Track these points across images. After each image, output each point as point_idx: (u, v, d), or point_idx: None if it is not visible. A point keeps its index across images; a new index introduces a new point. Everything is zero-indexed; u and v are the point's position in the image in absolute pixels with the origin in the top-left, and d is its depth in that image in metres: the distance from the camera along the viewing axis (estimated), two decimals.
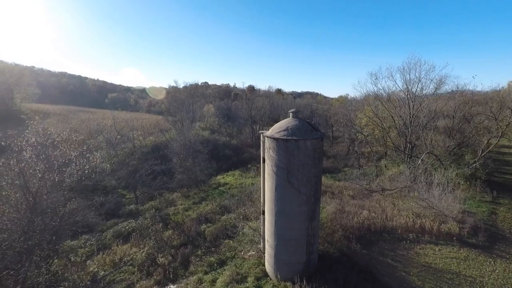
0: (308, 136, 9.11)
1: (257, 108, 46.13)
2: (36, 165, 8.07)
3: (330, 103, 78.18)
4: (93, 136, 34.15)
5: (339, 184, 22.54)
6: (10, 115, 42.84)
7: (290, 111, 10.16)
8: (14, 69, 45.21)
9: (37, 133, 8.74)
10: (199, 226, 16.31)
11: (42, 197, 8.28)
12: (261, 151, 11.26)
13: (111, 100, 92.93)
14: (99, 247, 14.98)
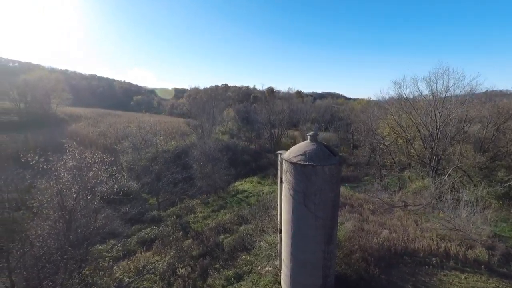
0: (326, 162, 9.11)
1: (276, 112, 46.13)
2: (72, 186, 8.86)
3: (351, 106, 76.15)
4: (119, 141, 36.06)
5: (359, 197, 22.02)
6: (48, 118, 46.42)
7: (308, 134, 10.20)
8: (51, 76, 48.93)
9: (74, 157, 9.54)
10: (218, 236, 16.76)
11: (76, 214, 9.08)
12: (279, 171, 11.39)
13: (136, 102, 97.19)
14: (125, 252, 15.91)
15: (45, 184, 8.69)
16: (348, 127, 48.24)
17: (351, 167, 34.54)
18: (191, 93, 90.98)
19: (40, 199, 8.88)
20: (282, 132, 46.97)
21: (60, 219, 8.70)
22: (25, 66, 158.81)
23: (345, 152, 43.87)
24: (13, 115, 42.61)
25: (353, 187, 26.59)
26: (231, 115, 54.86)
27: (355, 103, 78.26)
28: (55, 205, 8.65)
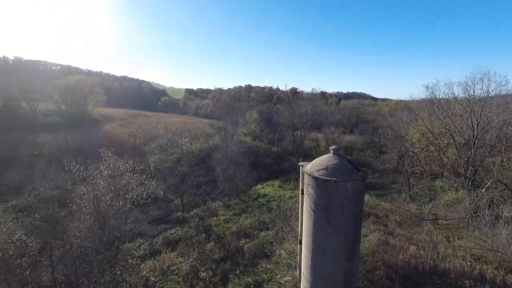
0: (349, 178, 8.92)
1: (299, 115, 45.66)
2: (107, 193, 9.61)
3: (378, 108, 72.96)
4: (148, 142, 37.92)
5: (385, 206, 21.15)
6: (84, 119, 50.17)
7: (331, 148, 10.04)
8: (88, 80, 52.86)
9: (109, 166, 10.32)
10: (238, 241, 17.05)
11: (109, 218, 9.83)
12: (300, 182, 11.33)
13: (163, 103, 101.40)
14: (151, 252, 16.79)
15: (84, 190, 9.56)
16: (375, 130, 46.39)
17: (377, 174, 33.24)
18: (215, 94, 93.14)
19: (78, 203, 9.76)
20: (305, 135, 46.37)
21: (95, 223, 9.49)
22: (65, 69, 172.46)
23: (370, 157, 42.29)
24: (55, 116, 46.64)
25: (378, 195, 25.58)
26: (253, 116, 55.29)
27: (383, 104, 74.95)
28: (91, 210, 9.46)
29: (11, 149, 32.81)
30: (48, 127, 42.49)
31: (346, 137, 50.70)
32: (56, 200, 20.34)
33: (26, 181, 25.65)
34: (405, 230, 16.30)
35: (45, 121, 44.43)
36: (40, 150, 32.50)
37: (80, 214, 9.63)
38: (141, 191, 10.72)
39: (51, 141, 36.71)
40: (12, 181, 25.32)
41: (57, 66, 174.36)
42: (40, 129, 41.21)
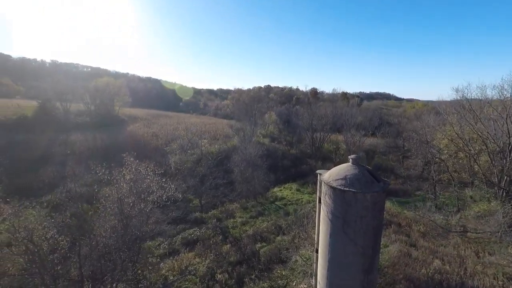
0: (368, 189, 8.66)
1: (318, 117, 44.86)
2: (129, 196, 10.13)
3: (403, 110, 69.65)
4: (169, 143, 39.20)
5: (408, 215, 20.26)
6: (111, 119, 52.85)
7: (350, 157, 9.80)
8: (115, 82, 55.70)
9: (131, 170, 10.86)
10: (254, 244, 17.15)
11: (132, 219, 10.35)
12: (318, 191, 11.17)
13: (185, 103, 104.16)
14: (170, 251, 17.36)
15: (108, 192, 10.16)
16: (399, 134, 44.48)
17: (400, 180, 31.88)
18: (235, 95, 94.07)
19: (104, 204, 10.37)
20: (325, 137, 45.48)
21: (119, 223, 10.04)
22: (95, 71, 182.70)
23: (393, 162, 40.62)
24: (85, 117, 49.59)
25: (401, 203, 24.53)
26: (272, 118, 55.19)
27: (408, 106, 71.52)
28: (116, 211, 10.02)
29: (47, 148, 35.40)
30: (79, 126, 45.31)
31: (368, 140, 49.04)
32: (84, 198, 21.72)
33: (59, 179, 27.64)
34: (429, 242, 15.52)
35: (76, 121, 47.42)
36: (72, 149, 34.74)
37: (106, 215, 10.23)
38: (161, 193, 11.16)
39: (81, 140, 39.12)
40: (47, 178, 27.31)
41: (88, 68, 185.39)
42: (72, 129, 44.03)
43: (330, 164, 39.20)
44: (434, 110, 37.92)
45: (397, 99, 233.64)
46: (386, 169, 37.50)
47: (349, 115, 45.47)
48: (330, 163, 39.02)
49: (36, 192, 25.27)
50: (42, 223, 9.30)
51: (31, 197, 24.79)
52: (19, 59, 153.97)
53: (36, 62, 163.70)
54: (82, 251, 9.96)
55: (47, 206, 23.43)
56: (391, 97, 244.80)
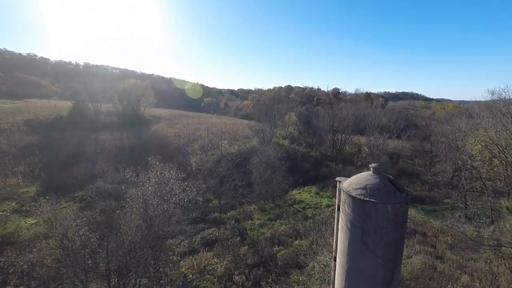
0: (389, 200, 8.37)
1: (340, 118, 43.82)
2: (154, 198, 10.68)
3: (432, 111, 65.75)
4: (191, 143, 40.36)
5: (434, 225, 19.26)
6: (137, 119, 55.46)
7: (371, 166, 9.48)
8: (141, 84, 58.37)
9: (156, 174, 11.42)
10: (272, 247, 17.24)
11: (155, 220, 10.90)
12: (337, 198, 10.91)
13: (206, 104, 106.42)
14: (190, 249, 17.93)
15: (135, 193, 10.79)
16: (427, 137, 42.22)
17: (427, 186, 30.31)
18: (255, 96, 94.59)
19: (130, 204, 11.02)
20: (346, 140, 44.32)
21: (143, 223, 10.62)
22: (123, 72, 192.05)
23: (420, 167, 38.64)
24: (113, 117, 52.47)
25: (427, 211, 23.34)
26: (292, 119, 54.77)
27: (438, 107, 67.39)
28: (141, 211, 10.61)
29: (79, 146, 37.95)
30: (107, 126, 48.09)
31: (392, 143, 47.09)
32: (112, 195, 23.00)
33: (90, 176, 29.53)
34: (457, 255, 14.67)
35: (105, 120, 50.36)
36: (101, 148, 36.96)
37: (131, 214, 10.86)
38: (183, 196, 11.63)
39: (110, 139, 41.45)
40: (79, 174, 29.30)
41: (117, 69, 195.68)
42: (101, 128, 46.82)
43: (351, 167, 38.13)
44: (466, 112, 35.49)
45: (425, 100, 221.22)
46: (412, 174, 35.79)
47: (372, 117, 43.91)
48: (351, 166, 37.98)
49: (69, 188, 27.21)
50: (76, 220, 10.07)
51: (65, 192, 26.84)
52: (56, 62, 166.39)
53: (71, 65, 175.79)
54: (110, 247, 10.64)
55: (79, 201, 25.21)
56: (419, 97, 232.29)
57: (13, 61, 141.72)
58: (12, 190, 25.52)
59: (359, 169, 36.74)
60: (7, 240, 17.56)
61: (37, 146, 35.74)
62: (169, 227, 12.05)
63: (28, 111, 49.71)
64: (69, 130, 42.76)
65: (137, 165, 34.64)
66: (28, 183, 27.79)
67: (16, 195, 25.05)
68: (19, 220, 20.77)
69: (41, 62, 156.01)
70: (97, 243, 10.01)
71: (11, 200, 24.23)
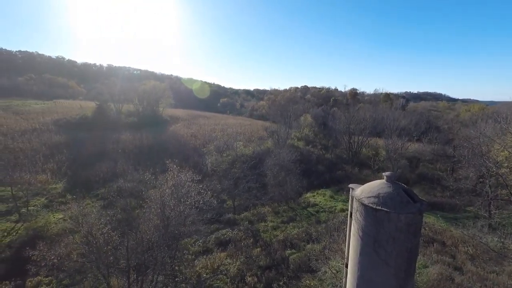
0: (403, 209, 8.28)
1: (356, 121, 42.96)
2: (171, 200, 11.22)
3: (457, 113, 62.56)
4: (206, 144, 41.23)
5: (455, 234, 18.53)
6: (156, 120, 57.34)
7: (385, 174, 9.42)
8: (160, 85, 60.35)
9: (173, 176, 11.97)
10: (284, 250, 17.38)
11: (172, 221, 11.43)
12: (349, 205, 10.91)
13: (222, 104, 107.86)
14: (204, 249, 18.47)
15: (153, 195, 11.41)
16: (449, 141, 40.42)
17: (448, 192, 29.07)
18: (270, 96, 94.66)
19: (149, 204, 11.64)
20: (363, 142, 43.35)
21: (161, 223, 11.19)
22: (143, 73, 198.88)
23: (441, 171, 37.07)
24: (133, 117, 54.63)
25: (447, 218, 22.47)
26: (308, 120, 54.37)
27: (463, 109, 64.06)
28: (158, 212, 11.19)
29: (102, 145, 39.92)
30: (128, 126, 50.16)
31: (412, 146, 45.49)
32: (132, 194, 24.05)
33: (111, 174, 31.02)
34: (478, 267, 14.09)
35: (126, 121, 52.55)
36: (122, 148, 38.66)
37: (150, 214, 11.46)
38: (198, 198, 12.10)
39: (130, 139, 43.25)
40: (102, 172, 30.87)
41: (138, 71, 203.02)
42: (122, 128, 48.92)
43: (368, 171, 37.28)
44: (493, 116, 33.54)
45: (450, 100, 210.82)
46: (432, 179, 34.47)
47: (391, 119, 42.63)
48: (368, 169, 37.15)
49: (93, 185, 28.77)
50: (100, 218, 10.81)
51: (89, 189, 28.42)
52: (82, 64, 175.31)
53: (96, 67, 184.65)
54: (130, 245, 11.29)
55: (102, 199, 26.61)
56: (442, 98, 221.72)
57: (44, 64, 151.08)
58: (42, 186, 27.36)
59: (376, 173, 35.84)
60: (38, 233, 19.00)
61: (64, 144, 38.04)
62: (185, 228, 12.56)
63: (57, 111, 52.95)
64: (93, 130, 45.08)
65: (155, 164, 36.06)
66: (56, 180, 29.68)
67: (46, 191, 26.87)
68: (48, 215, 22.30)
69: (69, 64, 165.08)
70: (118, 241, 10.68)
71: (41, 195, 26.04)
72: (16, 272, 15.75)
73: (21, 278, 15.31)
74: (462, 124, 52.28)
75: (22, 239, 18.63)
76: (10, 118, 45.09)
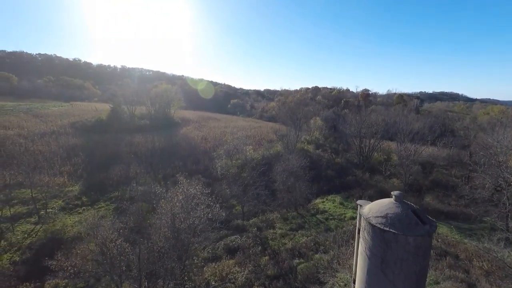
0: (411, 231, 8.19)
1: (368, 125, 42.23)
2: (181, 212, 11.53)
3: (474, 116, 60.13)
4: (217, 147, 41.65)
5: (469, 247, 18.00)
6: (167, 122, 58.42)
7: (393, 193, 9.33)
8: (172, 88, 61.46)
9: (183, 191, 12.30)
10: (292, 260, 17.41)
11: (182, 232, 11.75)
12: (357, 221, 10.90)
13: (233, 105, 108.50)
14: (213, 255, 18.76)
15: (164, 207, 11.77)
16: (465, 147, 39.09)
17: (463, 201, 28.18)
18: (281, 98, 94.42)
19: (160, 216, 12.00)
20: (374, 146, 42.59)
21: (171, 235, 11.52)
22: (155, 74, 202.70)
23: (456, 178, 36.00)
24: (146, 120, 55.89)
25: (462, 229, 21.84)
26: (318, 123, 53.92)
27: (481, 112, 61.65)
28: (169, 224, 11.53)
29: (115, 147, 41.10)
30: (141, 128, 51.38)
31: (426, 149, 44.28)
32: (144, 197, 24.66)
33: (124, 177, 31.91)
34: (493, 284, 13.65)
35: (139, 123, 53.85)
36: (135, 151, 39.69)
37: (160, 225, 11.83)
38: (207, 211, 12.38)
39: (142, 142, 44.31)
40: (115, 176, 31.83)
41: (150, 72, 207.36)
42: (135, 130, 50.16)
43: (379, 176, 36.63)
44: None
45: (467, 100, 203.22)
46: (447, 186, 33.50)
47: (404, 123, 41.66)
48: (379, 175, 36.50)
49: (106, 188, 29.72)
50: (113, 227, 11.24)
51: (103, 192, 29.38)
52: (97, 66, 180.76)
53: (110, 68, 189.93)
54: (141, 254, 11.68)
55: (115, 201, 27.47)
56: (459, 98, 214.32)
57: (62, 66, 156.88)
58: (60, 188, 28.51)
59: (387, 180, 35.20)
60: (55, 236, 19.87)
61: (80, 147, 39.42)
62: (195, 238, 12.86)
63: (73, 114, 54.89)
64: (107, 132, 46.46)
65: (167, 168, 36.74)
66: (72, 182, 30.84)
67: (63, 194, 27.99)
68: (65, 218, 23.24)
69: (85, 66, 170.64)
70: (131, 252, 11.09)
71: (58, 198, 27.15)
72: (35, 274, 16.59)
73: (40, 280, 16.10)
74: (480, 128, 50.38)
75: (41, 241, 19.54)
76: (30, 120, 47.12)
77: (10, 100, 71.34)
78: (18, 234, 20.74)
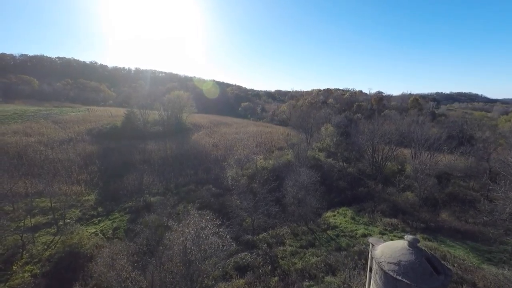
0: (425, 282, 8.02)
1: (381, 134, 41.29)
2: (192, 244, 11.77)
3: (495, 123, 57.42)
4: (227, 154, 41.96)
5: (487, 273, 17.28)
6: (179, 127, 59.41)
7: (407, 238, 9.17)
8: (183, 95, 62.44)
9: (194, 223, 12.54)
10: (302, 282, 17.33)
11: (193, 264, 11.99)
12: (369, 259, 10.75)
13: (243, 108, 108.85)
14: (223, 273, 18.93)
15: (175, 235, 12.06)
16: (484, 157, 37.48)
17: (482, 218, 27.07)
18: (292, 102, 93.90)
19: (171, 244, 12.29)
20: (388, 155, 41.58)
21: (182, 266, 11.78)
22: (168, 76, 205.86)
23: (475, 191, 34.64)
24: (159, 126, 57.06)
25: (480, 252, 21.03)
26: (329, 130, 53.24)
27: (502, 119, 58.89)
28: (181, 256, 11.80)
29: (129, 155, 42.18)
30: (153, 135, 52.55)
31: (443, 159, 42.83)
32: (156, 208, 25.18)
33: (138, 186, 32.64)
34: None
35: (152, 130, 55.08)
36: (147, 159, 40.64)
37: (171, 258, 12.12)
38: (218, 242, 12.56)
39: (155, 149, 45.29)
40: (129, 185, 32.67)
41: (162, 73, 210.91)
42: (148, 137, 51.32)
43: (392, 188, 35.72)
44: None
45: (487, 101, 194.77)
46: (464, 200, 32.27)
47: (419, 133, 40.48)
48: (392, 187, 35.60)
49: (120, 198, 30.56)
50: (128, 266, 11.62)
51: (117, 202, 30.23)
52: (112, 68, 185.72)
53: (125, 70, 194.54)
54: (154, 282, 11.98)
55: (129, 212, 28.23)
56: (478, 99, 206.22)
57: (79, 68, 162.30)
58: (77, 198, 29.61)
59: (401, 193, 34.29)
60: (73, 250, 20.67)
61: (96, 155, 40.72)
62: (205, 266, 13.07)
63: (90, 120, 56.74)
64: (121, 139, 47.76)
65: (178, 176, 37.29)
66: (88, 191, 31.93)
67: (80, 203, 29.03)
68: (82, 230, 24.09)
69: (101, 69, 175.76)
70: (144, 281, 11.43)
71: (75, 207, 28.19)
72: None
73: None
74: (501, 136, 48.16)
75: (59, 254, 20.39)
76: (50, 127, 49.09)
77: (31, 104, 74.68)
78: (39, 245, 21.71)
